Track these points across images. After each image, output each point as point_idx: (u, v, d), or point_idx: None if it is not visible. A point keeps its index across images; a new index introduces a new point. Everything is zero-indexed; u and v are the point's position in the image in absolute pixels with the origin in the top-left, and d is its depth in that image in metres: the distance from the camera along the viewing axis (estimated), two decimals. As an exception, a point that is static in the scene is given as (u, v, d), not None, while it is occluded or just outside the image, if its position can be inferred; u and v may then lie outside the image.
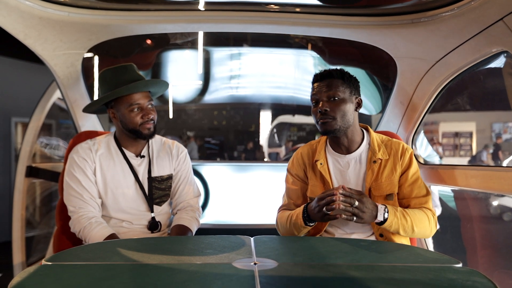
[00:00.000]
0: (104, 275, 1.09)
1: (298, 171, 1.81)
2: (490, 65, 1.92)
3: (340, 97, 1.63)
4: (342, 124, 1.63)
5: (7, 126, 6.37)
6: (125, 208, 1.83)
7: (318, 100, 1.65)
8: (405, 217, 1.54)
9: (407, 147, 1.71)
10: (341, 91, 1.63)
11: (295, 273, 1.15)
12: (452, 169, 2.08)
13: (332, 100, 1.63)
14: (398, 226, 1.53)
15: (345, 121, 1.64)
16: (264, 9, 2.10)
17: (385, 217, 1.51)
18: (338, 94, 1.62)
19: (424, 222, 1.58)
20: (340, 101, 1.63)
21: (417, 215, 1.57)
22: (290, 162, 1.85)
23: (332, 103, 1.63)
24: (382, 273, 1.14)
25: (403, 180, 1.67)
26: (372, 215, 1.50)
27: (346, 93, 1.64)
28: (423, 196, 1.65)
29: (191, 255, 1.30)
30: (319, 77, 1.68)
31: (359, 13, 2.05)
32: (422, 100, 2.27)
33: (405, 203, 1.67)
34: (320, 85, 1.66)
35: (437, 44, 1.97)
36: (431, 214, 1.62)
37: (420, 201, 1.65)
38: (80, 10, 1.96)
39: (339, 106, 1.62)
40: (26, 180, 2.58)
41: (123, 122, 1.79)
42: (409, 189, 1.66)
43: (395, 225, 1.53)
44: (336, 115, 1.62)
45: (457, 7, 1.68)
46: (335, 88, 1.63)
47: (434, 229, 1.62)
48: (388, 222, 1.52)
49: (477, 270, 1.16)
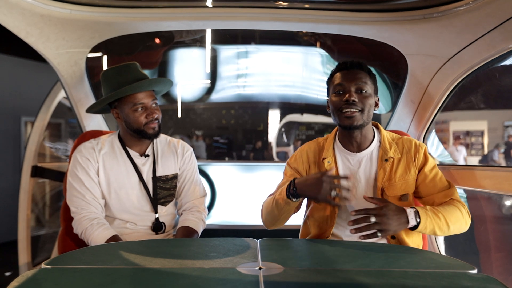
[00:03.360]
0: (104, 280, 1.06)
1: (298, 165, 1.73)
2: (506, 62, 1.86)
3: (368, 92, 1.56)
4: (366, 120, 1.57)
5: (17, 125, 6.41)
6: (129, 208, 1.80)
7: (345, 90, 1.56)
8: (437, 215, 1.45)
9: (420, 143, 1.64)
10: (369, 85, 1.57)
11: (301, 278, 1.11)
12: (464, 170, 2.03)
13: (360, 92, 1.55)
14: (433, 226, 1.43)
15: (369, 117, 1.58)
16: (272, 5, 2.06)
17: (418, 221, 1.41)
18: (367, 88, 1.56)
19: (457, 215, 1.49)
20: (368, 96, 1.55)
21: (448, 210, 1.48)
22: (293, 156, 1.78)
23: (360, 95, 1.55)
24: (392, 279, 1.09)
25: (422, 177, 1.59)
26: (400, 223, 1.39)
27: (371, 89, 1.58)
28: (448, 189, 1.57)
29: (195, 259, 1.26)
30: (348, 65, 1.59)
31: (369, 8, 1.99)
32: (433, 99, 2.21)
33: (431, 200, 1.59)
34: (348, 74, 1.57)
35: (450, 40, 1.91)
36: (461, 205, 1.52)
37: (446, 194, 1.56)
38: (83, 8, 1.93)
39: (367, 99, 1.55)
40: (31, 180, 2.56)
41: (127, 122, 1.76)
42: (432, 185, 1.58)
43: (430, 225, 1.43)
44: (365, 107, 1.54)
45: (472, 1, 1.61)
46: (364, 81, 1.56)
47: (468, 220, 1.53)
48: (422, 225, 1.41)
49: (493, 277, 1.10)
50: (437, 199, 1.57)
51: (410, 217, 1.40)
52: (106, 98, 1.74)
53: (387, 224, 1.36)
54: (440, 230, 1.45)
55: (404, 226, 1.40)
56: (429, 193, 1.59)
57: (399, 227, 1.39)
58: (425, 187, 1.59)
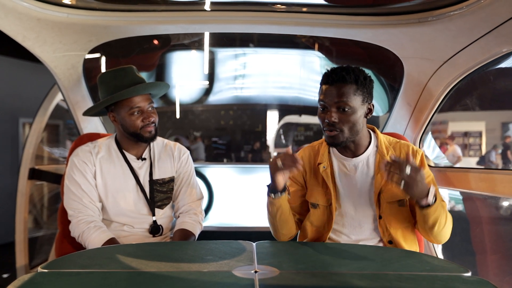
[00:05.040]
0: (100, 283, 1.07)
1: (296, 174, 1.71)
2: (501, 65, 1.87)
3: (351, 107, 1.48)
4: (349, 136, 1.52)
5: (15, 127, 6.41)
6: (126, 211, 1.80)
7: (326, 108, 1.51)
8: (444, 209, 1.44)
9: (417, 149, 1.62)
10: (353, 100, 1.48)
11: (296, 282, 1.12)
12: (460, 172, 2.04)
13: (341, 110, 1.49)
14: (439, 215, 1.42)
15: (353, 132, 1.52)
16: (269, 9, 2.07)
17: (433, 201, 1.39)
18: (348, 105, 1.47)
19: (449, 223, 1.49)
20: (350, 112, 1.48)
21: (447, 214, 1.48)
22: None
23: (341, 114, 1.49)
24: (387, 282, 1.10)
25: None
26: (422, 190, 1.36)
27: (357, 102, 1.49)
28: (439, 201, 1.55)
29: (191, 262, 1.27)
30: (330, 79, 1.50)
31: (365, 12, 2.00)
32: (429, 101, 2.22)
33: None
34: (330, 89, 1.50)
35: (445, 44, 1.92)
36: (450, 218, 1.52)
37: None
38: (80, 11, 1.94)
39: (348, 117, 1.48)
40: (29, 182, 2.57)
41: (124, 126, 1.77)
42: None
43: (438, 212, 1.41)
44: (344, 127, 1.50)
45: (466, 6, 1.63)
46: (346, 97, 1.47)
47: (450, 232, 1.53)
48: (433, 207, 1.39)
49: (487, 280, 1.11)
50: None
51: (431, 194, 1.38)
52: (103, 102, 1.75)
53: (415, 182, 1.33)
54: (439, 224, 1.44)
55: (423, 195, 1.38)
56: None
57: (420, 193, 1.37)
58: None
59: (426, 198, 1.39)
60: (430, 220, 1.43)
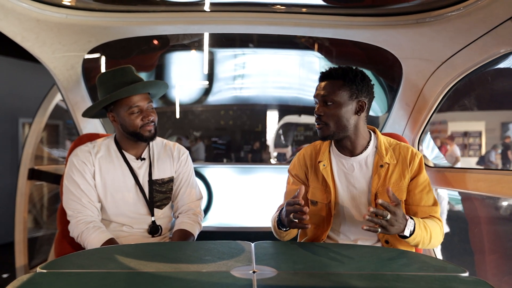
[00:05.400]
0: (99, 283, 1.07)
1: (298, 172, 1.75)
2: (499, 66, 1.88)
3: (335, 102, 1.54)
4: (336, 130, 1.56)
5: (15, 127, 6.41)
6: (125, 211, 1.81)
7: (316, 102, 1.60)
8: (426, 229, 1.46)
9: (417, 152, 1.63)
10: (338, 94, 1.54)
11: (294, 282, 1.12)
12: (459, 172, 2.04)
13: (325, 104, 1.56)
14: (420, 240, 1.44)
15: (340, 127, 1.56)
16: (268, 9, 2.07)
17: (411, 231, 1.40)
18: (332, 99, 1.54)
19: (437, 232, 1.52)
20: (334, 106, 1.54)
21: (433, 226, 1.50)
22: (292, 163, 1.80)
23: (326, 107, 1.56)
24: (384, 283, 1.11)
25: (412, 186, 1.59)
26: (400, 229, 1.37)
27: (343, 97, 1.54)
28: (432, 205, 1.58)
29: (189, 263, 1.28)
30: (320, 77, 1.62)
31: (363, 13, 2.01)
32: (428, 102, 2.22)
33: (412, 210, 1.59)
34: (319, 85, 1.60)
35: (443, 44, 1.92)
36: (441, 224, 1.55)
37: (428, 210, 1.58)
38: (79, 12, 1.94)
39: (332, 111, 1.54)
40: (28, 182, 2.57)
41: (123, 125, 1.77)
42: (419, 196, 1.59)
43: (418, 238, 1.43)
44: (329, 121, 1.55)
45: (463, 7, 1.63)
46: (331, 92, 1.54)
47: (441, 239, 1.56)
48: (413, 236, 1.41)
49: (484, 280, 1.12)
50: (420, 212, 1.58)
51: (407, 226, 1.39)
52: (102, 101, 1.75)
53: (391, 226, 1.34)
54: (422, 244, 1.47)
55: (399, 232, 1.39)
56: (413, 203, 1.59)
57: (397, 232, 1.38)
58: (412, 196, 1.59)
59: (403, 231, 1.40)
60: (411, 244, 1.46)
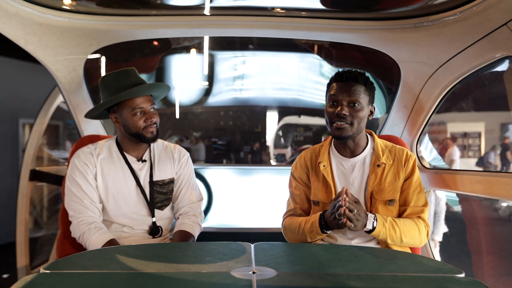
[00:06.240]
0: (101, 284, 1.09)
1: (301, 174, 1.80)
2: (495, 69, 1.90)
3: (361, 104, 1.60)
4: (356, 131, 1.62)
5: (15, 127, 6.42)
6: (126, 212, 1.83)
7: (338, 102, 1.61)
8: (394, 228, 1.57)
9: (411, 154, 1.70)
10: (363, 98, 1.61)
11: (293, 282, 1.14)
12: (456, 174, 2.06)
13: (352, 105, 1.60)
14: (386, 236, 1.56)
15: (359, 128, 1.63)
16: (268, 13, 2.09)
17: (374, 226, 1.54)
18: (359, 101, 1.59)
19: (414, 233, 1.60)
20: (360, 108, 1.60)
21: (407, 226, 1.59)
22: (293, 165, 1.84)
23: (352, 108, 1.60)
24: (382, 283, 1.13)
25: (405, 186, 1.67)
26: (363, 223, 1.53)
27: (365, 101, 1.62)
28: (421, 206, 1.66)
29: (190, 263, 1.29)
30: (344, 77, 1.62)
31: (362, 17, 2.03)
32: (426, 104, 2.25)
33: (402, 210, 1.67)
34: (343, 86, 1.61)
35: (440, 48, 1.95)
36: (424, 226, 1.63)
37: (416, 210, 1.65)
38: (81, 16, 1.96)
39: (358, 113, 1.60)
40: (29, 183, 2.59)
41: (126, 127, 1.79)
42: (409, 197, 1.66)
43: (383, 234, 1.56)
44: (354, 121, 1.60)
45: (460, 12, 1.65)
46: (358, 94, 1.60)
47: (424, 240, 1.64)
48: (376, 231, 1.55)
49: (479, 281, 1.14)
50: (408, 211, 1.66)
51: (369, 221, 1.54)
52: (106, 102, 1.77)
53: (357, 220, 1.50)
54: (391, 241, 1.58)
55: (363, 227, 1.54)
56: (404, 203, 1.67)
57: (361, 227, 1.53)
58: (404, 196, 1.67)
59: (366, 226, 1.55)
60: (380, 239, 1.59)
